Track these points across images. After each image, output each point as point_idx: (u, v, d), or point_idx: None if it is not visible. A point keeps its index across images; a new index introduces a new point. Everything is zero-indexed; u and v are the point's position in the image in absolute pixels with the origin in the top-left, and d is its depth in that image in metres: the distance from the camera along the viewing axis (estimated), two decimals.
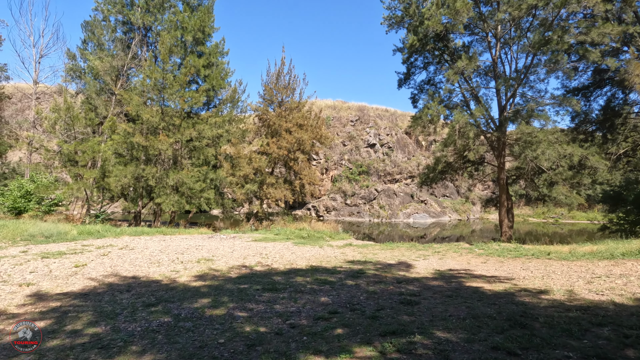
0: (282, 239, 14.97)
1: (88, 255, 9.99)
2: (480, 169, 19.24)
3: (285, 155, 19.49)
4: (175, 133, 17.53)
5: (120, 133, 17.09)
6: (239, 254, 10.98)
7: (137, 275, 8.00)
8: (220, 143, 20.79)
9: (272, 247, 12.71)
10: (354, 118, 47.44)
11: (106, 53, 19.54)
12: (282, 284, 6.93)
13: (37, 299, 6.04)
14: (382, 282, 7.10)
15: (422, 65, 17.57)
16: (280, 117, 19.89)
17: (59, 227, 14.75)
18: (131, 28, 20.66)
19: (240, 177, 19.46)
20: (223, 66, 22.19)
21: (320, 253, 11.61)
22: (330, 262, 9.94)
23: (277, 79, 20.47)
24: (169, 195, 17.69)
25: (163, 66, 17.22)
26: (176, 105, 18.57)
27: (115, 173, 16.30)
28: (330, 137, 21.18)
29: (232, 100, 22.96)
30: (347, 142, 44.10)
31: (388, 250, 12.43)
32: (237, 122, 22.81)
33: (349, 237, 16.74)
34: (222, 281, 7.28)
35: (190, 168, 18.93)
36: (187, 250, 11.56)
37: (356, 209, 38.60)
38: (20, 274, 7.79)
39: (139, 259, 9.76)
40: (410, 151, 46.23)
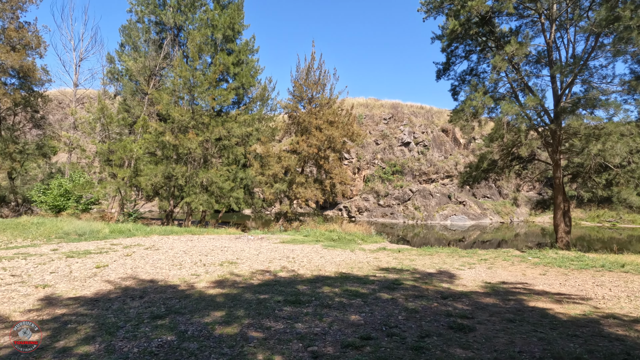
0: (311, 241, 14.20)
1: (112, 255, 9.73)
2: (529, 167, 17.39)
3: (315, 154, 18.73)
4: (204, 132, 17.32)
5: (151, 132, 17.13)
6: (265, 257, 10.31)
7: (155, 279, 7.51)
8: (249, 142, 20.43)
9: (300, 250, 11.95)
10: (387, 116, 45.90)
11: (140, 54, 19.81)
12: (307, 295, 6.11)
13: (46, 304, 5.63)
14: (423, 296, 6.07)
15: (464, 54, 16.11)
16: (310, 114, 19.15)
17: (92, 226, 14.93)
18: (163, 28, 20.86)
19: (269, 176, 18.94)
20: (253, 64, 21.86)
21: (351, 258, 10.68)
22: (362, 269, 8.99)
23: (306, 75, 19.77)
24: (198, 195, 17.50)
25: (192, 64, 17.07)
26: (206, 104, 18.39)
27: (146, 172, 16.32)
28: (362, 134, 20.16)
29: (261, 98, 22.58)
30: (380, 140, 42.69)
31: (426, 256, 11.27)
32: (267, 121, 22.39)
33: (382, 240, 15.65)
34: (241, 289, 6.58)
35: (219, 167, 18.69)
36: (211, 251, 11.08)
37: (389, 210, 37.16)
38: (40, 274, 7.56)
39: (161, 261, 9.35)
40: (448, 149, 43.96)
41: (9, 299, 5.97)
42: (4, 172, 21.97)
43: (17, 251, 10.36)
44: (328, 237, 15.17)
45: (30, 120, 22.98)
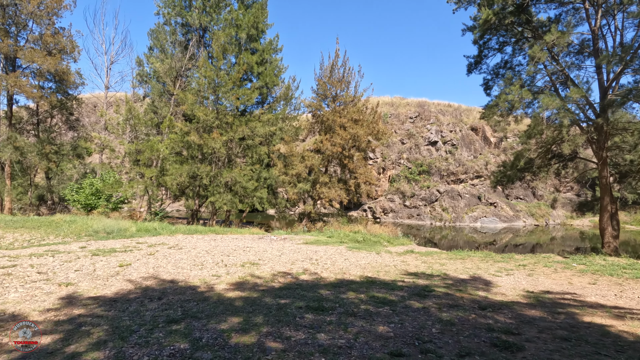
0: (335, 243, 13.78)
1: (136, 254, 9.74)
2: (569, 165, 16.18)
3: (339, 153, 18.30)
4: (228, 131, 17.31)
5: (177, 132, 17.31)
6: (287, 259, 10.00)
7: (176, 279, 7.36)
8: (273, 141, 20.29)
9: (324, 251, 11.57)
10: (414, 114, 44.74)
11: (167, 56, 20.15)
12: (330, 300, 5.70)
13: (66, 304, 5.55)
14: (458, 306, 5.51)
15: (497, 46, 15.16)
16: (334, 112, 18.75)
17: (120, 224, 15.22)
18: (189, 30, 21.14)
19: (292, 176, 18.70)
20: (277, 63, 21.73)
21: (377, 261, 10.18)
22: (389, 273, 8.48)
23: (330, 72, 19.38)
24: (222, 194, 17.51)
25: (217, 64, 17.11)
26: (230, 103, 18.40)
27: (171, 171, 16.50)
28: (387, 132, 19.53)
29: (285, 97, 22.41)
30: (406, 139, 41.64)
31: (458, 261, 10.58)
32: (290, 120, 22.20)
33: (409, 242, 15.00)
34: (261, 292, 6.27)
35: (243, 167, 18.64)
36: (234, 251, 10.90)
37: (416, 211, 36.11)
38: (65, 272, 7.59)
39: (183, 260, 9.25)
40: (477, 149, 42.24)
41: (31, 296, 5.96)
42: (42, 172, 22.97)
43: (48, 248, 10.61)
44: (352, 239, 14.70)
45: (66, 122, 23.95)
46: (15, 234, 13.46)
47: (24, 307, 5.35)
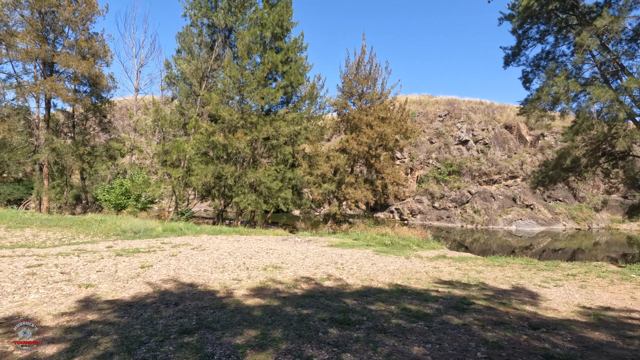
0: (361, 246, 13.20)
1: (158, 255, 9.62)
2: (619, 164, 14.72)
3: (365, 152, 17.68)
4: (252, 131, 17.13)
5: (202, 132, 17.34)
6: (311, 262, 9.55)
7: (196, 283, 7.08)
8: (297, 141, 19.97)
9: (350, 255, 11.02)
10: (443, 113, 43.19)
11: (194, 57, 20.32)
12: (357, 312, 5.17)
13: (82, 307, 5.35)
14: (503, 323, 4.82)
15: (538, 35, 14.02)
16: (360, 110, 18.15)
17: (147, 224, 15.36)
18: (215, 30, 21.25)
19: (317, 176, 18.27)
20: (302, 61, 21.41)
21: (407, 266, 9.51)
22: (421, 280, 7.82)
23: (356, 69, 18.79)
24: (246, 195, 17.35)
25: (241, 64, 16.99)
26: (255, 103, 18.24)
27: (197, 172, 16.52)
28: (416, 130, 18.68)
29: (310, 96, 22.04)
30: (435, 139, 40.22)
31: (496, 268, 9.72)
32: (315, 119, 21.80)
33: (440, 246, 14.15)
34: (282, 300, 5.84)
35: (267, 167, 18.42)
36: (256, 253, 10.59)
37: (445, 213, 34.71)
38: (87, 273, 7.52)
39: (205, 262, 9.01)
40: (512, 148, 40.13)
41: (50, 298, 5.84)
42: (77, 172, 23.83)
43: (76, 247, 10.74)
44: (380, 242, 14.05)
45: (99, 124, 24.76)
46: (48, 232, 13.86)
47: (40, 310, 5.20)
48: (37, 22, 20.45)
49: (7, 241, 11.91)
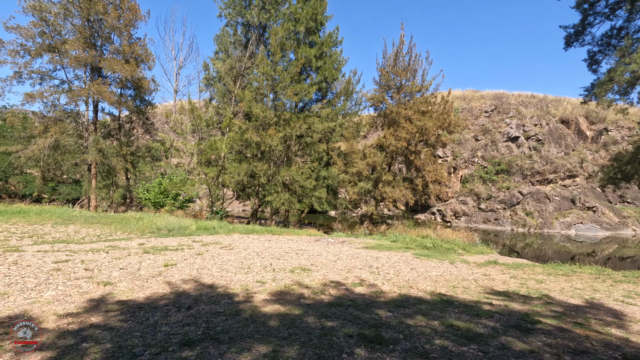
0: (399, 248, 12.15)
1: (185, 253, 9.31)
2: None
3: (404, 148, 16.53)
4: (285, 128, 16.66)
5: (235, 131, 17.18)
6: (343, 265, 8.74)
7: (216, 284, 6.57)
8: (332, 138, 19.24)
9: (386, 258, 10.06)
10: (489, 108, 40.36)
11: (229, 56, 20.35)
12: (391, 328, 4.30)
13: (91, 308, 4.98)
14: (586, 352, 3.71)
15: (607, 10, 12.15)
16: (399, 104, 17.02)
17: (181, 222, 15.41)
18: (249, 29, 21.17)
19: (353, 174, 17.40)
20: (336, 56, 20.67)
21: (452, 272, 8.39)
22: (470, 290, 6.72)
23: (394, 61, 17.69)
24: (280, 194, 16.91)
25: (274, 59, 16.60)
26: (288, 99, 17.79)
27: (230, 170, 16.35)
28: (461, 124, 17.17)
29: (346, 92, 21.22)
30: (481, 136, 37.63)
31: (560, 277, 8.29)
32: (351, 116, 20.94)
33: (490, 250, 12.69)
34: (305, 308, 5.10)
35: (301, 165, 17.87)
36: (285, 254, 9.97)
37: (493, 215, 32.21)
38: (110, 270, 7.29)
39: (230, 262, 8.53)
40: (569, 144, 36.49)
41: (64, 296, 5.57)
42: (123, 172, 24.84)
43: (110, 244, 10.81)
44: (420, 244, 12.89)
45: (142, 126, 25.69)
46: (89, 229, 14.29)
47: (49, 309, 4.90)
48: (86, 30, 21.56)
49: (50, 237, 12.35)
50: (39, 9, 20.09)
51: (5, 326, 4.17)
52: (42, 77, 21.96)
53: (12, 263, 7.42)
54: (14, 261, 7.59)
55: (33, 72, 21.36)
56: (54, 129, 19.89)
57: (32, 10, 20.11)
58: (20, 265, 7.24)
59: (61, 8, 20.94)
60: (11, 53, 20.40)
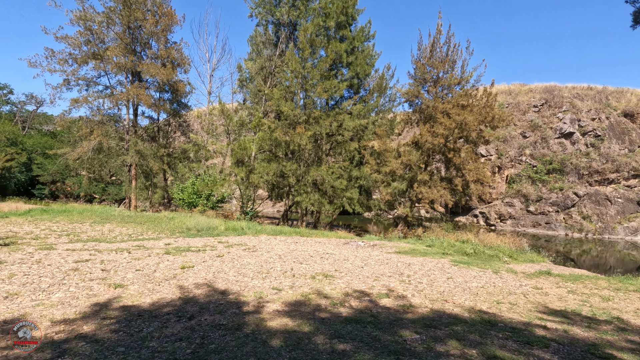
0: (435, 254, 11.10)
1: (205, 255, 9.01)
2: None
3: (441, 145, 15.32)
4: (314, 126, 16.11)
5: (264, 130, 16.92)
6: (370, 272, 7.97)
7: (229, 290, 6.11)
8: (364, 136, 18.40)
9: (420, 264, 9.13)
10: (539, 102, 37.25)
11: (260, 55, 20.23)
12: (416, 357, 3.51)
13: (90, 314, 4.68)
14: None
15: None
16: (436, 97, 15.84)
17: (210, 223, 15.36)
18: (279, 28, 20.93)
19: (386, 173, 16.47)
20: (369, 51, 19.79)
21: (496, 284, 7.32)
22: (517, 307, 5.70)
23: (431, 52, 16.51)
24: (309, 194, 16.38)
25: (302, 55, 16.13)
26: (317, 97, 17.23)
27: (258, 170, 16.09)
28: (506, 118, 15.61)
29: (379, 88, 20.27)
30: (529, 132, 34.78)
31: (632, 293, 6.94)
32: (385, 112, 19.96)
33: (541, 259, 11.24)
34: (317, 324, 4.44)
35: (331, 164, 17.22)
36: (310, 258, 9.37)
37: (544, 219, 29.52)
38: (126, 271, 7.10)
39: (250, 265, 8.08)
40: (634, 140, 32.65)
41: (71, 299, 5.36)
42: (161, 173, 25.61)
43: (138, 243, 10.84)
44: (459, 250, 11.73)
45: (179, 128, 26.38)
46: (123, 228, 14.63)
47: (49, 313, 4.66)
48: (126, 37, 22.45)
49: (85, 235, 12.74)
50: (84, 18, 21.19)
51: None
52: (88, 84, 23.22)
53: (36, 261, 7.49)
54: (38, 260, 7.67)
55: (80, 78, 22.62)
56: (96, 132, 20.86)
57: (78, 20, 21.27)
58: (42, 264, 7.28)
59: (104, 17, 21.97)
60: (60, 62, 21.70)
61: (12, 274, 6.51)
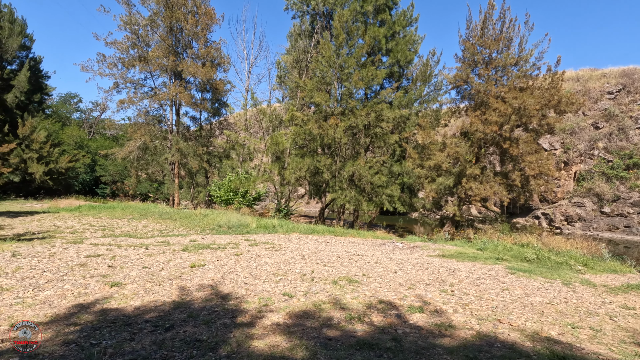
0: (488, 259, 9.45)
1: (222, 253, 8.34)
2: None
3: (495, 135, 13.38)
4: (349, 117, 14.97)
5: (298, 123, 16.12)
6: (404, 278, 6.72)
7: (232, 295, 5.29)
8: (406, 128, 16.86)
9: (467, 271, 7.65)
10: (614, 88, 32.53)
11: (294, 48, 19.56)
12: None
13: (62, 317, 4.09)
14: None
15: None
16: (488, 80, 13.91)
17: (242, 220, 14.89)
18: (315, 18, 20.06)
19: (430, 168, 14.87)
20: (410, 36, 18.18)
21: (568, 300, 5.70)
22: (603, 335, 4.17)
23: (482, 30, 14.56)
24: (344, 190, 15.29)
25: (337, 41, 15.07)
26: (353, 86, 16.05)
27: (291, 166, 15.32)
28: (576, 101, 13.23)
29: (423, 76, 18.56)
30: (602, 122, 30.44)
31: None
32: (429, 102, 18.22)
33: (627, 268, 9.07)
34: (317, 348, 3.39)
35: (369, 159, 15.96)
36: (337, 260, 8.31)
37: (622, 221, 25.49)
38: (131, 268, 6.61)
39: (267, 266, 7.23)
40: None
41: (59, 297, 4.92)
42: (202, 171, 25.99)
43: (163, 239, 10.54)
44: (518, 255, 9.92)
45: (219, 126, 26.63)
46: (157, 224, 14.66)
47: (22, 313, 4.16)
48: (169, 39, 23.01)
49: (119, 230, 12.85)
50: (131, 22, 22.03)
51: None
52: (135, 86, 24.20)
53: (49, 255, 7.29)
54: (53, 253, 7.47)
55: (127, 81, 23.62)
56: (141, 132, 21.54)
57: (125, 25, 22.17)
58: (54, 258, 7.04)
59: (148, 20, 22.71)
60: (109, 65, 22.79)
61: (19, 267, 6.28)
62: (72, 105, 60.20)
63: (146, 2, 22.29)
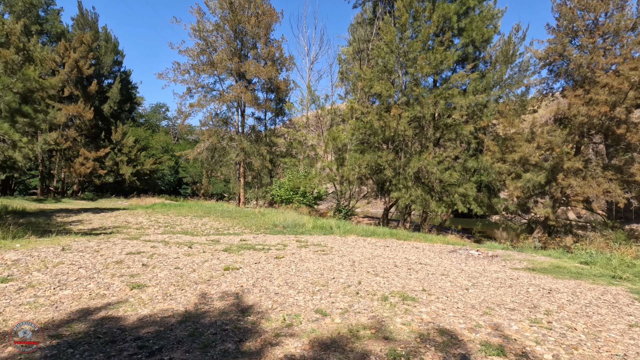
0: (598, 276, 7.20)
1: (263, 256, 7.60)
2: None
3: (604, 118, 10.58)
4: (414, 106, 13.32)
5: (357, 117, 14.93)
6: (478, 298, 5.17)
7: (253, 308, 4.43)
8: (483, 116, 14.55)
9: (571, 293, 5.73)
10: None
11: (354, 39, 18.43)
12: None
13: (51, 328, 3.57)
14: None
15: None
16: (593, 51, 11.11)
17: (298, 220, 14.23)
18: (377, 4, 18.65)
19: (513, 162, 12.49)
20: (488, 11, 15.69)
21: None
22: None
23: None
24: (409, 189, 13.69)
25: (399, 23, 13.53)
26: (418, 72, 14.31)
27: (349, 162, 14.20)
28: None
29: (504, 56, 15.92)
30: None
31: None
32: (512, 86, 15.52)
33: None
34: None
35: (437, 153, 14.09)
36: (393, 268, 6.99)
37: None
38: (162, 269, 6.19)
39: (307, 272, 6.28)
40: None
41: (70, 300, 4.52)
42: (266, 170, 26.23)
43: (214, 238, 10.29)
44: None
45: (283, 125, 26.66)
46: (215, 222, 14.75)
47: (20, 317, 3.79)
48: (234, 42, 23.63)
49: (179, 227, 13.10)
50: (198, 29, 23.10)
51: None
52: (205, 90, 25.41)
53: (95, 251, 7.29)
54: (99, 249, 7.47)
55: (198, 85, 24.88)
56: (209, 132, 22.39)
57: (194, 32, 23.33)
58: (97, 254, 6.99)
59: (215, 26, 23.61)
60: (182, 72, 24.21)
61: (61, 262, 6.26)
62: (160, 114, 67.00)
63: (212, 9, 23.15)
